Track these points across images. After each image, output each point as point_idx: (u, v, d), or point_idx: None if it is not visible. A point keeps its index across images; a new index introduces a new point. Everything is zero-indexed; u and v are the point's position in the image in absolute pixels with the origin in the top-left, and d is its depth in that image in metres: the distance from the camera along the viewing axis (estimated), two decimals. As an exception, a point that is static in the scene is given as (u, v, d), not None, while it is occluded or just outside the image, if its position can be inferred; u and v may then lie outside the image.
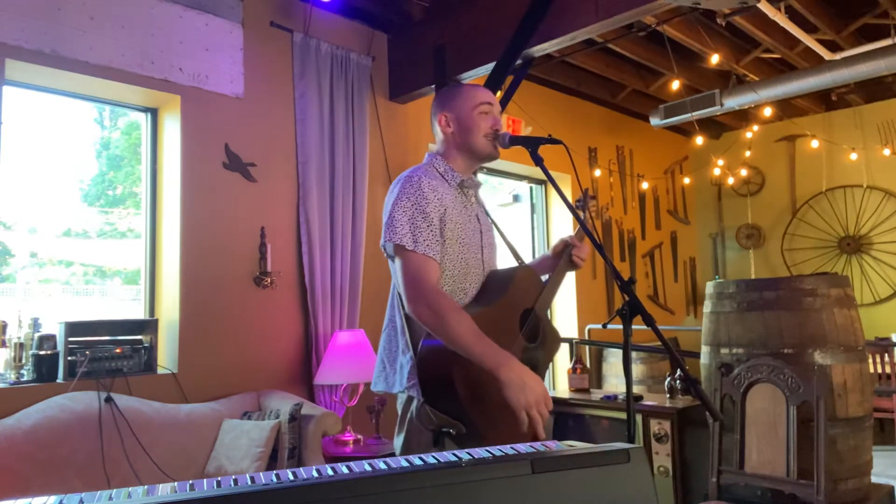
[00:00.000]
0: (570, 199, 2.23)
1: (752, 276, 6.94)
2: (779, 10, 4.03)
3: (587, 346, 5.48)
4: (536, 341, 1.76)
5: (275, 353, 3.74)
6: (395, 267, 1.68)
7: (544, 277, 1.92)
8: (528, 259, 1.98)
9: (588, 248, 1.95)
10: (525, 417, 1.48)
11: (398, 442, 1.71)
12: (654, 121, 5.97)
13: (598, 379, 5.72)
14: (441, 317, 1.56)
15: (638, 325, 1.51)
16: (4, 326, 3.01)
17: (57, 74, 3.16)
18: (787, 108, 6.42)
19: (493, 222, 1.94)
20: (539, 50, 3.82)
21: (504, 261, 1.95)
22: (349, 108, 4.12)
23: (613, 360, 5.62)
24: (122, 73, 3.30)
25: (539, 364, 1.76)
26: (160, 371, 3.32)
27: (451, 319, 1.55)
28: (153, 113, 3.68)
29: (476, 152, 1.81)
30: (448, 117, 1.82)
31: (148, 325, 3.32)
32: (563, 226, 5.92)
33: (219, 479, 0.78)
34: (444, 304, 1.58)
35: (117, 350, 3.14)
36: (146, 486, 0.77)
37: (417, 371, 1.62)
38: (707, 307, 2.95)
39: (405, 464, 0.86)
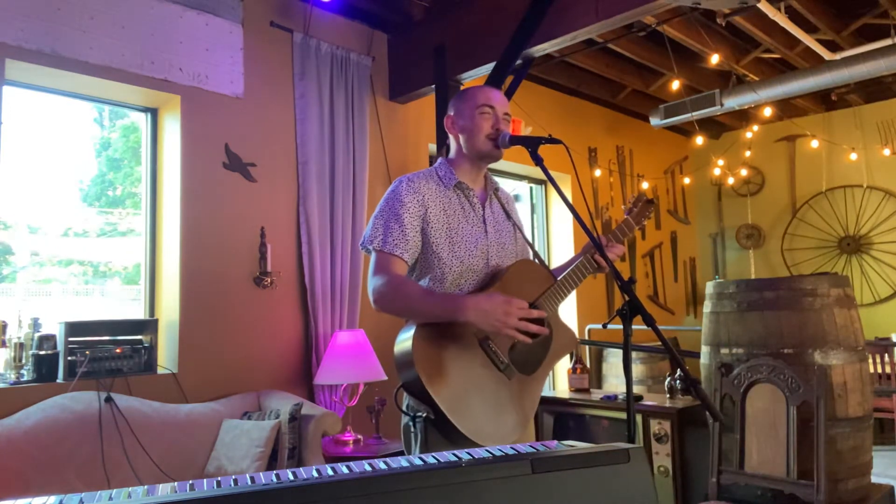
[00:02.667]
0: (569, 199, 2.23)
1: (752, 276, 6.94)
2: (779, 10, 4.03)
3: (587, 346, 5.48)
4: (536, 337, 1.76)
5: (275, 353, 3.74)
6: None
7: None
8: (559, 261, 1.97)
9: (621, 249, 1.93)
10: (512, 333, 1.56)
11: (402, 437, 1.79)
12: (654, 121, 5.97)
13: (598, 379, 5.72)
14: (390, 293, 1.65)
15: (638, 325, 1.51)
16: (4, 326, 3.01)
17: (57, 74, 3.16)
18: (787, 108, 6.41)
19: (514, 224, 1.93)
20: (539, 50, 3.82)
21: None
22: (349, 108, 4.12)
23: (613, 360, 5.62)
24: (122, 73, 3.30)
25: (540, 361, 1.76)
26: (160, 371, 3.32)
27: (398, 291, 1.65)
28: (153, 113, 3.68)
29: (476, 152, 1.83)
30: (452, 119, 1.88)
31: (148, 325, 3.32)
32: (563, 226, 5.92)
33: (219, 479, 0.78)
34: (391, 281, 1.67)
35: (117, 350, 3.14)
36: (146, 486, 0.77)
37: (394, 362, 1.68)
38: (707, 307, 2.95)
39: (405, 464, 0.86)
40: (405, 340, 1.63)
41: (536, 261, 1.92)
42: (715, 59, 4.69)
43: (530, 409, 1.74)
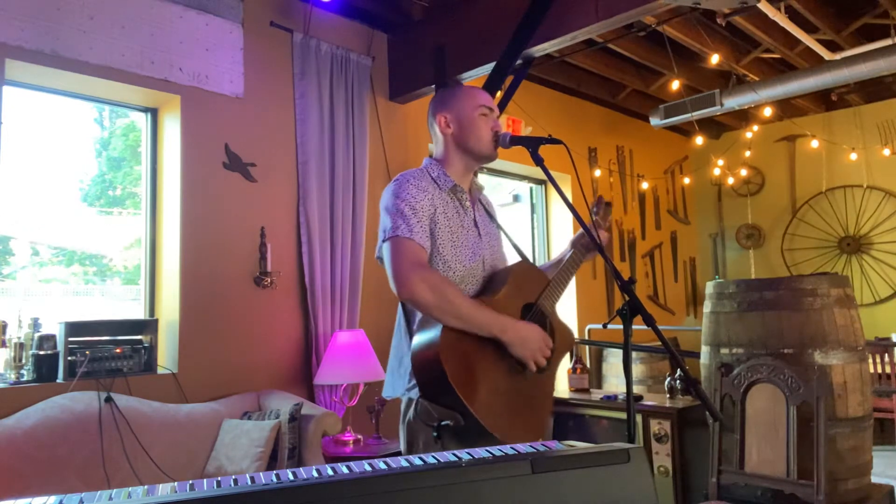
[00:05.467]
0: (570, 198, 2.23)
1: (752, 276, 6.94)
2: (779, 10, 4.03)
3: (587, 346, 5.48)
4: (542, 371, 1.75)
5: (275, 353, 3.74)
6: (389, 258, 1.65)
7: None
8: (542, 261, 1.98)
9: (605, 235, 1.99)
10: (533, 366, 1.65)
11: (402, 447, 1.71)
12: (654, 121, 5.97)
13: (598, 379, 5.72)
14: (440, 290, 1.59)
15: (638, 325, 1.51)
16: (4, 326, 3.01)
17: (57, 74, 3.16)
18: (787, 108, 6.41)
19: (499, 226, 1.93)
20: (539, 50, 3.82)
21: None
22: (349, 108, 4.12)
23: (613, 360, 5.62)
24: (122, 73, 3.30)
25: (549, 358, 1.75)
26: (160, 371, 3.32)
27: (449, 292, 1.60)
28: (153, 113, 3.68)
29: (476, 153, 1.82)
30: (448, 118, 1.84)
31: (148, 325, 3.32)
32: (563, 225, 5.92)
33: (219, 479, 0.78)
34: (441, 278, 1.64)
35: (117, 350, 3.14)
36: (146, 486, 0.77)
37: (412, 367, 1.61)
38: (707, 307, 2.95)
39: (405, 464, 0.86)
40: (430, 348, 1.56)
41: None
42: (715, 59, 4.69)
43: (549, 404, 1.77)
